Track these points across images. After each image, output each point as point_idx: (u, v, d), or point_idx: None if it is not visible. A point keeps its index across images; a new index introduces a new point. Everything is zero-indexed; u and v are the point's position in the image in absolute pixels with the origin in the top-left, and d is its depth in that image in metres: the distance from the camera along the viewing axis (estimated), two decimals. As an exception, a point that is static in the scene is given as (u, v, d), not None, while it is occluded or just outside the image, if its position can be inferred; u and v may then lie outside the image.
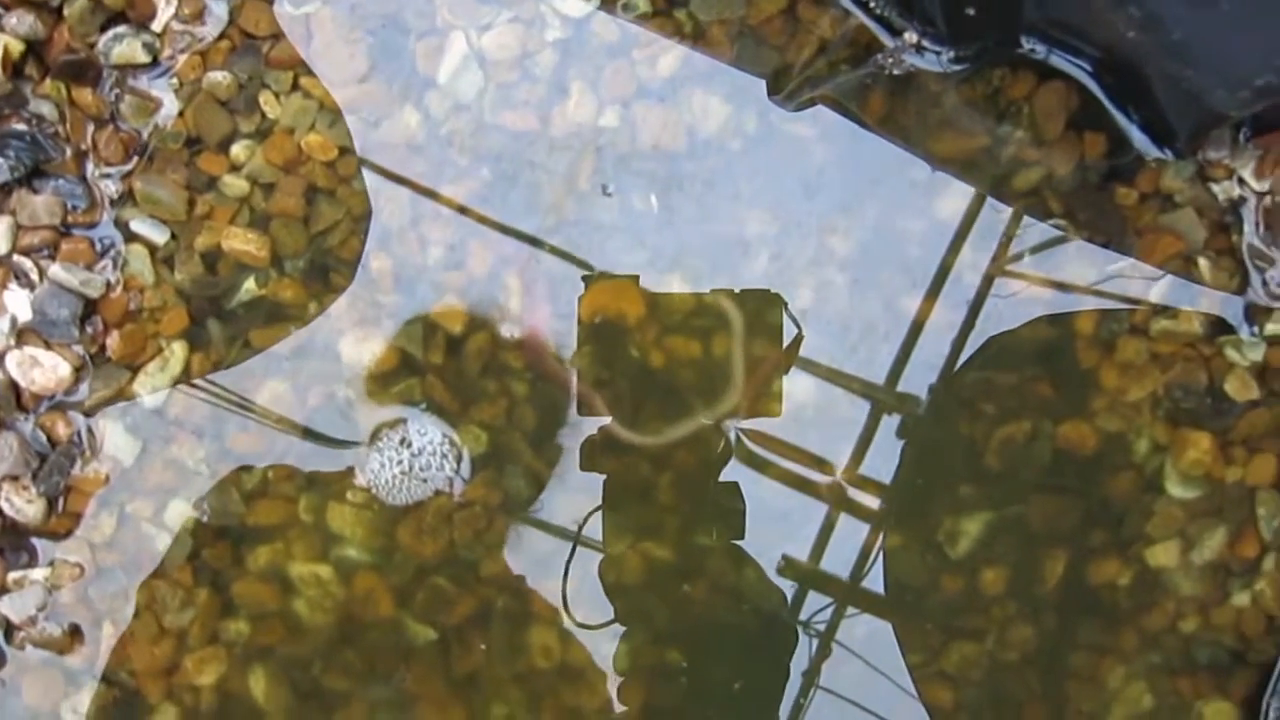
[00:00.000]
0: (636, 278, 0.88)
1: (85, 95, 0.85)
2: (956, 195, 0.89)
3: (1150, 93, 0.80)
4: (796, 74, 0.88)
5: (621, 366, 0.89)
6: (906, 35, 0.84)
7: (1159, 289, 0.88)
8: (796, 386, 0.89)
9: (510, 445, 0.88)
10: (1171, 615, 0.89)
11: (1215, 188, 0.87)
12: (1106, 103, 0.86)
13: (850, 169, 0.89)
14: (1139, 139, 0.86)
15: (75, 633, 0.87)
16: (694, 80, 0.88)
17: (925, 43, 0.84)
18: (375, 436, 0.87)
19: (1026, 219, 0.88)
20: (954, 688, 0.89)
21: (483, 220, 0.89)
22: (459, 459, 0.87)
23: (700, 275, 0.89)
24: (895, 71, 0.85)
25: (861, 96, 0.88)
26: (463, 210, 0.89)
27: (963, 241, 0.89)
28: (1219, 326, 0.88)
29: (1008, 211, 0.88)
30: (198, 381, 0.87)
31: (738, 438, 0.88)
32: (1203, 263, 0.87)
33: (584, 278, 0.88)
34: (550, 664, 0.88)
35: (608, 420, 0.88)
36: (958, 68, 0.86)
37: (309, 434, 0.88)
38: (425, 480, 0.86)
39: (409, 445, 0.86)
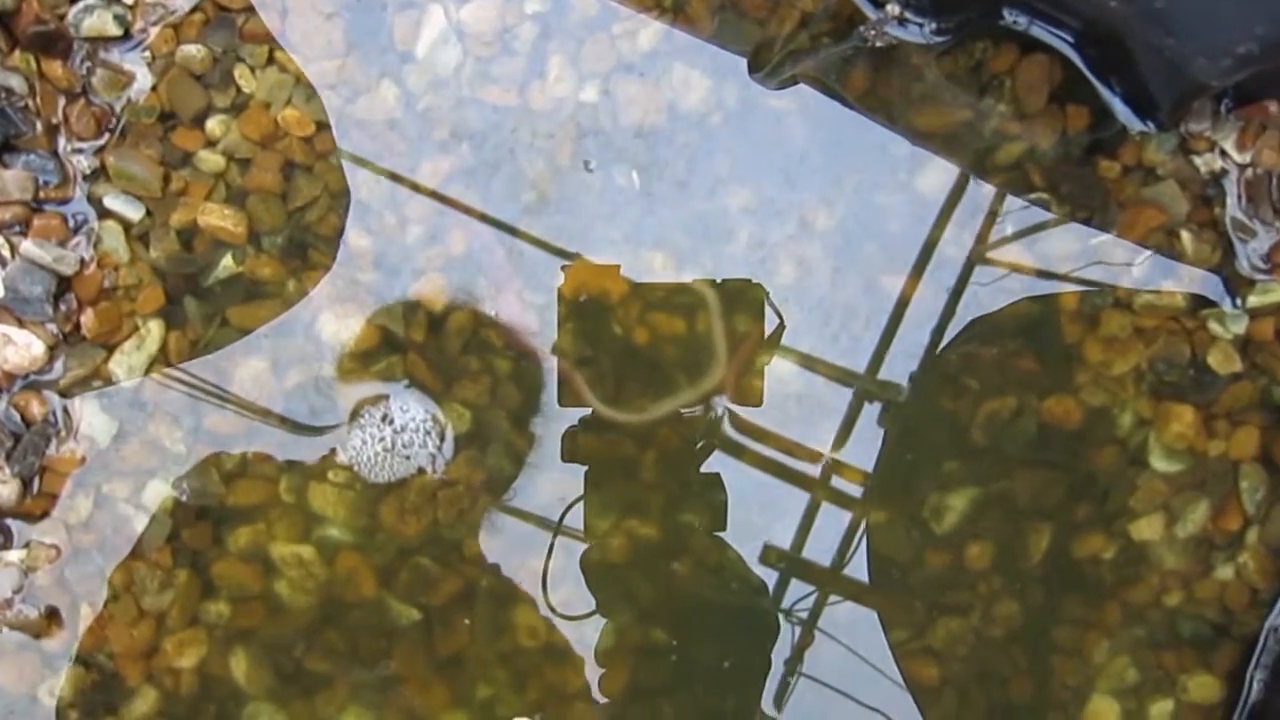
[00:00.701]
0: (617, 266, 0.88)
1: (55, 68, 0.83)
2: (938, 170, 0.88)
3: (1133, 64, 0.80)
4: (778, 49, 0.87)
5: (604, 344, 0.88)
6: (889, 7, 0.83)
7: (1141, 262, 0.88)
8: (779, 367, 0.88)
9: (493, 423, 0.87)
10: (1155, 589, 0.89)
11: (1197, 160, 0.87)
12: (1089, 75, 0.85)
13: (831, 144, 0.88)
14: (1121, 111, 0.86)
15: (52, 615, 0.85)
16: (674, 54, 0.88)
17: (908, 15, 0.84)
18: (357, 414, 0.86)
19: (1009, 193, 0.88)
20: (939, 663, 0.89)
21: (462, 197, 0.88)
22: (441, 436, 0.87)
23: (682, 252, 0.88)
24: (878, 44, 0.85)
25: (843, 71, 0.87)
26: (442, 187, 0.88)
27: (945, 217, 0.88)
28: (1201, 300, 0.88)
29: (990, 186, 0.88)
30: (175, 360, 0.86)
31: (723, 414, 0.88)
32: (1185, 236, 0.87)
33: (563, 267, 0.87)
34: (535, 643, 0.88)
35: (590, 402, 0.87)
36: (939, 40, 0.85)
37: (289, 413, 0.87)
38: (408, 458, 0.85)
39: (391, 422, 0.85)
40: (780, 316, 0.88)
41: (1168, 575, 0.89)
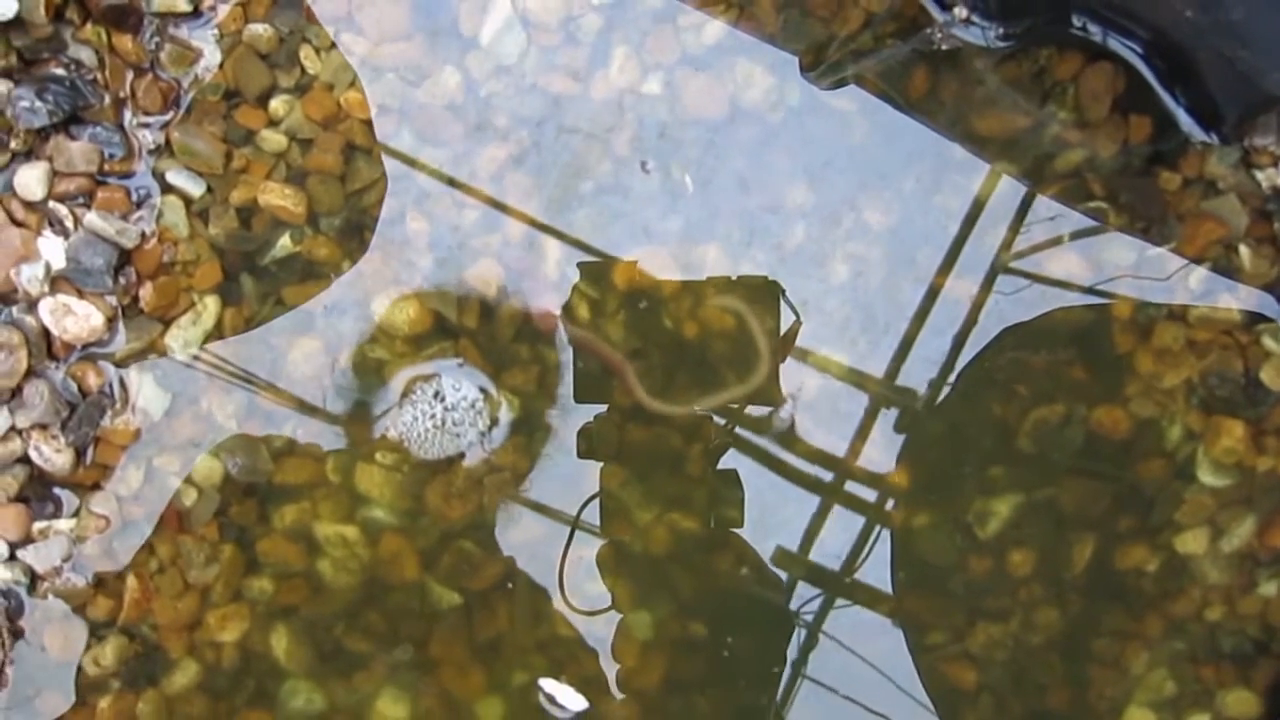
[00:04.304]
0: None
1: (125, 42, 0.84)
2: (997, 175, 0.88)
3: (1200, 75, 0.79)
4: (835, 48, 0.87)
5: (654, 337, 0.88)
6: (957, 10, 0.83)
7: (1198, 275, 0.88)
8: (829, 370, 0.88)
9: (541, 412, 0.88)
10: (1197, 603, 0.89)
11: (1259, 175, 0.86)
12: (1155, 85, 0.85)
13: (891, 144, 0.88)
14: (1185, 122, 0.85)
15: (99, 585, 0.86)
16: (738, 49, 0.88)
17: (974, 18, 0.84)
18: (409, 390, 0.87)
19: (1067, 201, 0.88)
20: (978, 668, 0.89)
21: (521, 185, 0.88)
22: (492, 418, 0.87)
23: (737, 247, 0.88)
24: (943, 47, 0.85)
25: (903, 73, 0.87)
26: (501, 174, 0.88)
27: (1002, 222, 0.88)
28: (1257, 315, 0.88)
29: (1048, 193, 0.88)
30: (229, 336, 0.87)
31: (782, 420, 0.88)
32: (1243, 250, 0.87)
33: (588, 265, 0.87)
34: (573, 632, 0.88)
35: (638, 395, 0.87)
36: (1004, 44, 0.85)
37: (339, 393, 0.87)
38: (457, 435, 0.85)
39: (443, 400, 0.85)
40: (821, 309, 0.88)
41: (1210, 590, 0.88)
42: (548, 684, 0.86)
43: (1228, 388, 0.87)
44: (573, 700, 0.86)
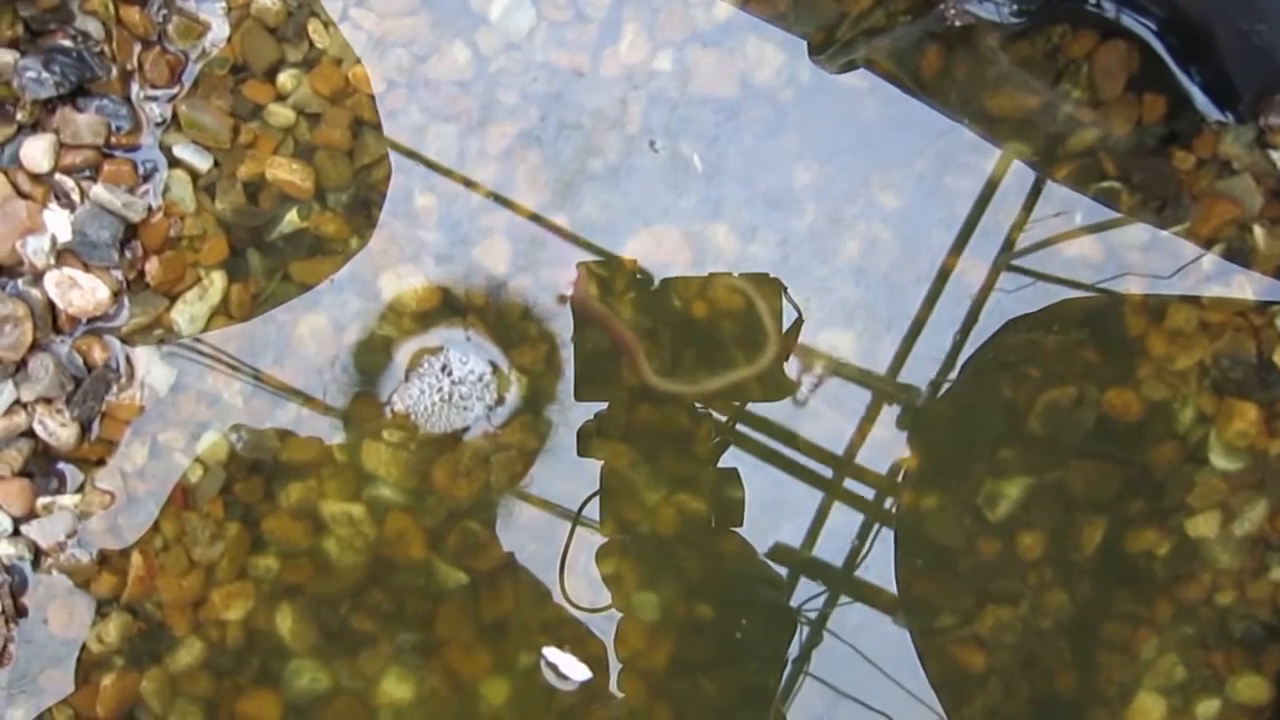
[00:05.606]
0: (679, 239, 0.87)
1: (133, 14, 0.83)
2: (1009, 153, 0.87)
3: (1216, 52, 0.79)
4: (846, 29, 0.87)
5: (662, 316, 0.88)
6: (970, -15, 0.83)
7: (1212, 256, 0.87)
8: (840, 346, 0.88)
9: (549, 390, 0.87)
10: (1208, 587, 0.88)
11: (1274, 154, 0.85)
12: (1170, 62, 0.84)
13: (902, 123, 0.87)
14: (1200, 101, 0.85)
15: (104, 561, 0.86)
16: (749, 27, 0.87)
17: (989, -6, 0.83)
18: (416, 363, 0.86)
19: (1080, 181, 0.87)
20: (986, 651, 0.88)
21: (529, 162, 0.87)
22: (499, 394, 0.87)
23: (746, 226, 0.87)
24: (956, 23, 0.84)
25: (915, 53, 0.87)
26: (509, 150, 0.87)
27: (1013, 201, 0.88)
28: (1270, 297, 0.87)
29: (1061, 173, 0.87)
30: (236, 312, 0.86)
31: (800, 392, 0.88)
32: (1258, 231, 0.86)
33: (596, 243, 0.87)
34: (579, 613, 0.88)
35: (645, 374, 0.87)
36: (1018, 20, 0.85)
37: (346, 370, 0.87)
38: (464, 409, 0.85)
39: (450, 373, 0.85)
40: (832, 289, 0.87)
41: (1221, 574, 0.88)
42: (551, 653, 0.86)
43: (1240, 370, 0.87)
44: (576, 670, 0.85)
